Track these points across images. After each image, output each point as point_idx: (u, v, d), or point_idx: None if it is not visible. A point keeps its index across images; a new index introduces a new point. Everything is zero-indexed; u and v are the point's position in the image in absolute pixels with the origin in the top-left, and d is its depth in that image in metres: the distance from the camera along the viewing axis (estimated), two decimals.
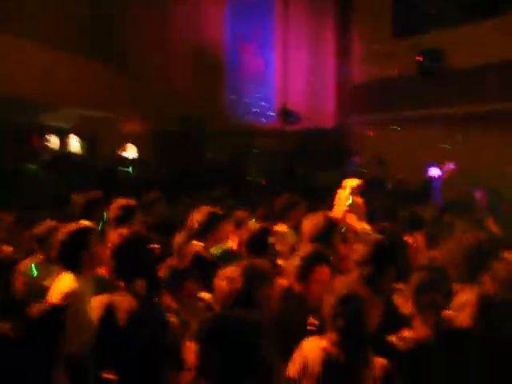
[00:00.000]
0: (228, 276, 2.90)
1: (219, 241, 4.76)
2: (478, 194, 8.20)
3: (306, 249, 3.62)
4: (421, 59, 12.95)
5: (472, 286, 3.33)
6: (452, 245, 3.77)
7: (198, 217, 4.71)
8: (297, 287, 3.48)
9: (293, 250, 4.30)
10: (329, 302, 2.77)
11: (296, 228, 5.18)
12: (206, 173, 12.41)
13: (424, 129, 12.25)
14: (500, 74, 11.30)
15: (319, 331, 2.94)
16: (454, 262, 3.58)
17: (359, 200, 6.67)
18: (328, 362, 2.69)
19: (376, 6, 14.16)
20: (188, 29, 15.15)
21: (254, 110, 15.60)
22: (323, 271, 3.46)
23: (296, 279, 3.47)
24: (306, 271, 3.44)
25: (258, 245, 4.25)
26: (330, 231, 4.33)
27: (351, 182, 6.75)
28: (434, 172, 10.21)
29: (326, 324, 2.80)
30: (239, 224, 5.11)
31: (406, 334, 2.95)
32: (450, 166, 10.05)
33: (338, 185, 6.91)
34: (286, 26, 15.36)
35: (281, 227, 5.48)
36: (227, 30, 16.23)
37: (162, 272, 3.64)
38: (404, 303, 3.19)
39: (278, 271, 3.90)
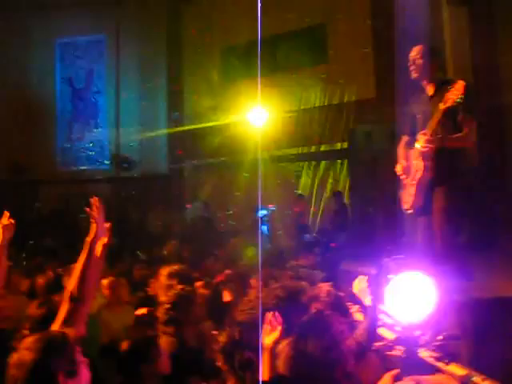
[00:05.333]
0: None
1: None
2: None
3: None
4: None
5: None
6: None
7: None
8: None
9: None
10: None
11: None
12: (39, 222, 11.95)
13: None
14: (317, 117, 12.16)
15: None
16: None
17: None
18: None
19: (205, 56, 14.64)
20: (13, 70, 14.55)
21: (87, 156, 15.33)
22: None
23: None
24: None
25: None
26: None
27: None
28: (262, 213, 10.76)
29: None
30: None
31: None
32: (272, 207, 10.68)
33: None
34: (117, 72, 15.30)
35: None
36: (56, 73, 15.86)
37: None
38: None
39: None
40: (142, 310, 4.39)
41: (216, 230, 11.78)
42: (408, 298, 3.60)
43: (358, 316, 3.86)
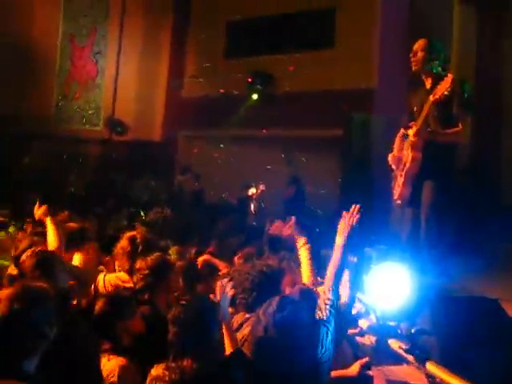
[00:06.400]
0: None
1: None
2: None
3: None
4: (251, 81, 13.57)
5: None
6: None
7: None
8: None
9: None
10: None
11: None
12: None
13: (247, 148, 12.76)
14: (316, 102, 12.09)
15: None
16: None
17: None
18: None
19: (211, 25, 14.53)
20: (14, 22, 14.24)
21: (82, 116, 15.21)
22: None
23: None
24: None
25: None
26: None
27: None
28: (251, 191, 10.72)
29: None
30: None
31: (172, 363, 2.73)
32: (262, 187, 10.62)
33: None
34: (121, 34, 15.09)
35: None
36: (59, 29, 15.63)
37: None
38: None
39: None
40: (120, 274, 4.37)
41: (205, 204, 11.72)
42: (386, 288, 3.61)
43: None
